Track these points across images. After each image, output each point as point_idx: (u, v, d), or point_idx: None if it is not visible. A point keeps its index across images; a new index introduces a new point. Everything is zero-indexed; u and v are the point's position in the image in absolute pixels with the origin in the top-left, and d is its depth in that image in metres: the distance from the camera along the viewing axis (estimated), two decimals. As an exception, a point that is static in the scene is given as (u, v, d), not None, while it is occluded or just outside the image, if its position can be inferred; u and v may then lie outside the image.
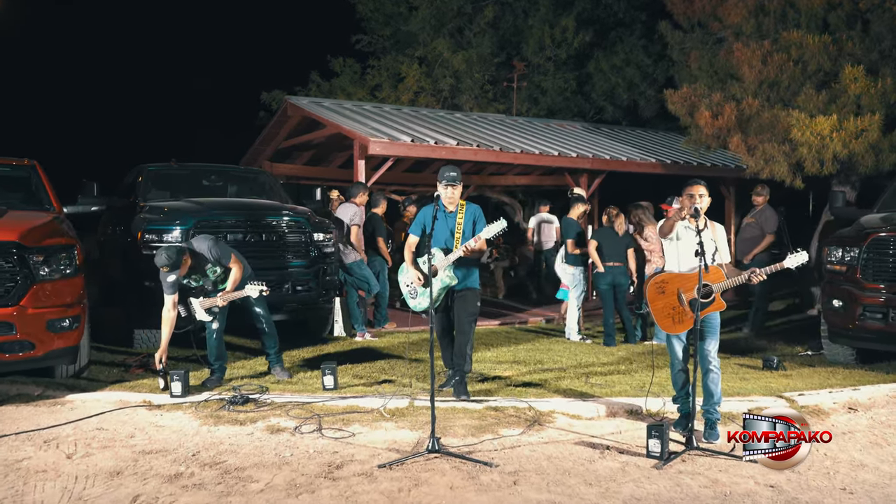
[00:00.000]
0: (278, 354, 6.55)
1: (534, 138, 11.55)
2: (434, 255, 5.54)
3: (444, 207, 5.76)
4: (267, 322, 6.43)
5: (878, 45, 8.94)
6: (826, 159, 8.85)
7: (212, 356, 6.28)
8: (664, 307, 5.29)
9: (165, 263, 5.79)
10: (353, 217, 8.81)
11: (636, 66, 15.67)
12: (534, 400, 5.81)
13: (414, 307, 5.87)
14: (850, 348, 7.36)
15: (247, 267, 6.33)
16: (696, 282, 5.11)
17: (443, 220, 5.76)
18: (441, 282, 5.66)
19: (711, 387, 5.20)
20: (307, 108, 10.59)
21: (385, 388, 6.17)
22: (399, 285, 6.05)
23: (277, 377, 6.41)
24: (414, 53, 16.66)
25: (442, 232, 5.72)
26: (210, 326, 6.20)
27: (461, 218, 5.72)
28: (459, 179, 5.69)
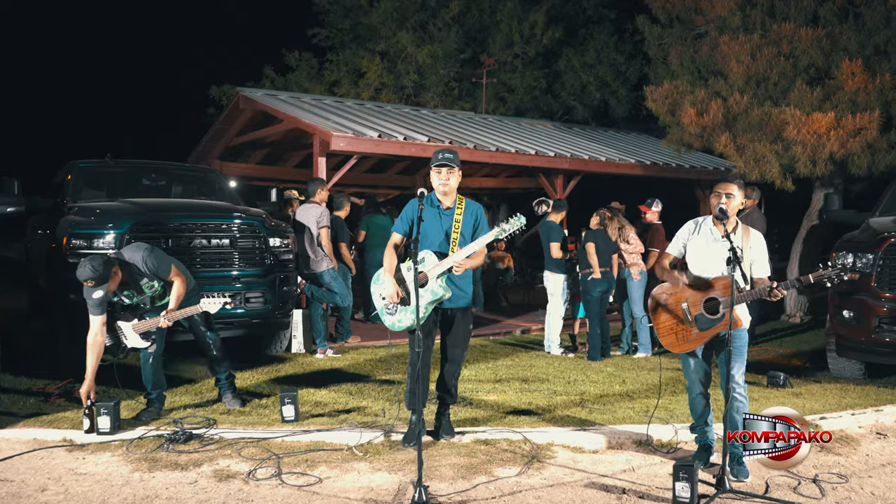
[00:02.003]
0: (230, 380, 5.63)
1: (507, 137, 10.83)
2: (424, 259, 4.49)
3: (438, 202, 4.69)
4: (215, 344, 5.52)
5: (872, 38, 8.47)
6: (820, 160, 8.33)
7: (148, 383, 5.32)
8: (667, 323, 4.60)
9: (90, 276, 4.79)
10: (321, 218, 7.88)
11: (608, 63, 15.11)
12: (528, 430, 5.04)
13: (391, 325, 4.69)
14: (859, 362, 6.80)
15: (190, 279, 5.37)
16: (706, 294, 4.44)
17: (434, 217, 4.63)
18: (431, 293, 4.46)
19: (736, 417, 4.50)
20: (262, 101, 9.65)
21: (354, 418, 5.31)
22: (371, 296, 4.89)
23: (228, 406, 5.48)
24: (375, 48, 15.77)
25: (433, 232, 4.61)
26: (145, 351, 5.24)
27: (459, 215, 4.64)
28: (457, 162, 4.63)
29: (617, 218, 8.24)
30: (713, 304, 4.42)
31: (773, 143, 8.60)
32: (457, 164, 4.64)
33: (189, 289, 5.28)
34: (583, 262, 8.07)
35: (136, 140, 17.76)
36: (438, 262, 4.49)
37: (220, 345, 5.53)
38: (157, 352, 5.30)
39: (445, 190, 4.64)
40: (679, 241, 4.63)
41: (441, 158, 4.62)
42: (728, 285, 4.39)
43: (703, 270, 4.58)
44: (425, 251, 4.53)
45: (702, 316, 4.41)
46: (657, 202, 8.84)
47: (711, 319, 4.42)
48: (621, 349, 8.48)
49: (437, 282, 4.50)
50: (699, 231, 4.57)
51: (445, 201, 4.68)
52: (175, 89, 19.89)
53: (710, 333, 4.43)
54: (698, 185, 12.60)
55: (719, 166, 12.38)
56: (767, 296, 4.24)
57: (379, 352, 8.17)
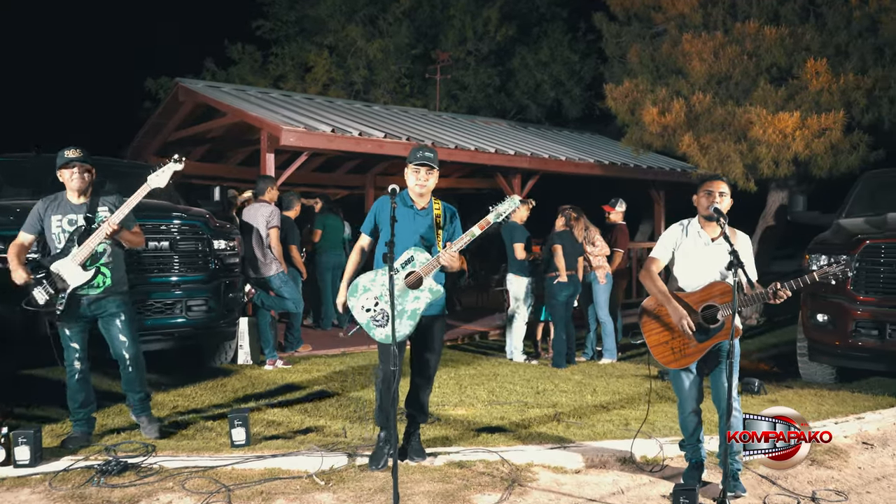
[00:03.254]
0: (145, 402, 4.90)
1: (464, 134, 10.43)
2: (413, 257, 4.06)
3: (411, 202, 4.26)
4: (133, 358, 4.79)
5: (833, 39, 8.40)
6: (783, 160, 8.21)
7: (74, 402, 4.67)
8: (661, 336, 4.23)
9: (77, 159, 4.58)
10: (271, 218, 7.30)
11: (562, 62, 14.88)
12: (504, 449, 4.63)
13: (383, 338, 4.08)
14: (831, 367, 6.64)
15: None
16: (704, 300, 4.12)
17: (407, 218, 4.19)
18: (430, 292, 4.05)
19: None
20: (203, 93, 8.98)
21: (313, 439, 4.80)
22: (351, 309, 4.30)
23: (145, 434, 4.81)
24: (323, 41, 15.12)
25: (405, 234, 4.16)
26: (71, 365, 4.61)
27: (439, 215, 4.23)
28: (436, 163, 4.20)
29: (584, 220, 7.94)
30: (711, 312, 4.10)
31: (737, 143, 8.45)
32: (436, 164, 4.24)
33: (123, 274, 4.78)
34: (548, 265, 7.73)
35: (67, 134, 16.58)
36: (432, 258, 4.08)
37: (138, 360, 4.83)
38: (85, 366, 4.68)
39: (422, 191, 4.24)
40: (668, 247, 4.28)
41: (421, 157, 4.19)
42: (726, 291, 4.08)
43: (692, 277, 4.24)
44: (412, 249, 4.10)
45: (700, 326, 4.08)
46: (621, 202, 8.59)
47: (710, 329, 4.09)
48: (586, 355, 8.18)
49: (432, 280, 4.10)
50: (687, 235, 4.23)
51: (420, 202, 4.27)
52: (109, 81, 18.73)
53: (710, 344, 4.11)
54: (653, 185, 12.48)
55: (675, 167, 12.29)
56: (772, 298, 3.93)
57: (332, 361, 7.65)
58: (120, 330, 4.74)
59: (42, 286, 4.52)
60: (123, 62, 18.37)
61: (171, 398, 5.93)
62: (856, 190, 7.51)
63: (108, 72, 18.78)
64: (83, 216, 4.62)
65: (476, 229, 4.05)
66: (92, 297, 4.63)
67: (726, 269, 4.05)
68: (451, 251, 4.02)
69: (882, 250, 5.99)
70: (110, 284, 4.66)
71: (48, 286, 4.52)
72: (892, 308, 5.88)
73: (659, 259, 4.28)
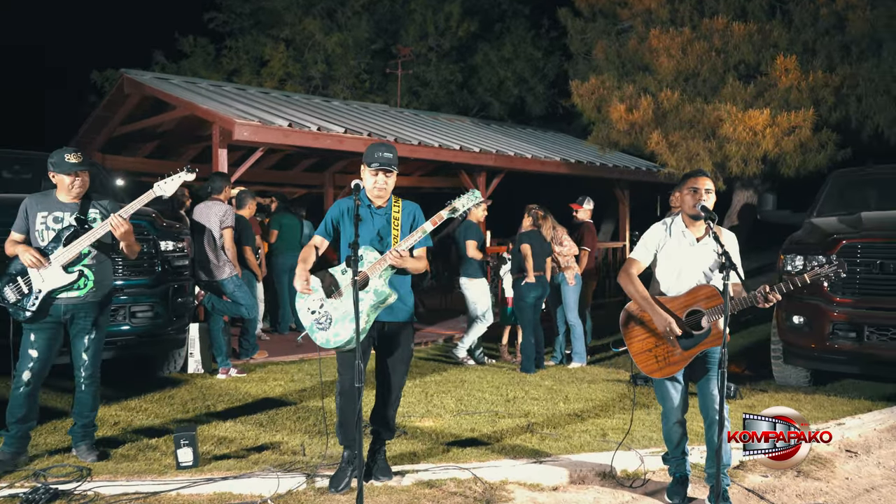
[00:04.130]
0: (89, 429, 4.42)
1: (427, 131, 10.08)
2: (362, 256, 3.76)
3: (369, 201, 3.96)
4: (90, 378, 4.37)
5: (801, 35, 8.30)
6: (752, 158, 8.07)
7: (12, 416, 4.20)
8: (644, 343, 3.96)
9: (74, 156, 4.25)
10: (225, 217, 6.85)
11: (525, 59, 14.64)
12: (477, 465, 4.31)
13: (325, 342, 3.84)
14: (805, 370, 6.49)
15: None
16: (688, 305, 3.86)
17: (367, 219, 3.93)
18: (374, 294, 3.74)
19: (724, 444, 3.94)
20: (151, 85, 8.45)
21: (268, 458, 4.41)
22: (297, 312, 4.04)
23: (80, 458, 4.33)
24: (279, 34, 14.58)
25: (366, 235, 3.90)
26: (19, 376, 4.16)
27: (397, 214, 3.96)
28: (396, 164, 3.90)
29: (550, 218, 7.68)
30: (696, 318, 3.84)
31: (706, 141, 8.29)
32: (395, 165, 3.92)
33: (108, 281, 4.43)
34: (516, 267, 7.45)
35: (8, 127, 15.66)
36: (380, 256, 3.79)
37: (94, 382, 4.39)
38: (37, 379, 4.23)
39: (381, 195, 3.95)
40: (650, 248, 3.98)
41: (379, 159, 3.86)
42: (712, 295, 3.82)
43: (676, 280, 3.98)
44: (361, 248, 3.79)
45: (685, 332, 3.81)
46: (589, 200, 8.36)
47: (696, 336, 3.83)
48: (554, 359, 7.91)
49: (379, 280, 3.78)
50: (670, 234, 3.95)
51: (378, 201, 3.98)
52: (52, 74, 17.78)
53: (696, 352, 3.85)
54: (618, 184, 12.32)
55: (640, 166, 12.15)
56: (761, 302, 3.68)
57: (290, 369, 7.23)
58: (86, 347, 4.34)
59: (14, 284, 4.16)
60: (69, 53, 17.47)
61: (113, 412, 5.45)
62: (826, 189, 7.40)
63: (51, 63, 17.85)
64: (74, 216, 4.24)
65: (428, 225, 3.80)
66: (70, 302, 4.23)
67: (712, 271, 3.81)
68: (398, 249, 3.75)
69: (858, 250, 5.85)
70: (93, 288, 4.26)
71: (22, 284, 4.15)
72: (869, 310, 5.74)
73: (639, 261, 4.00)
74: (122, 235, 4.17)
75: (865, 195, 7.21)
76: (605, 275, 11.48)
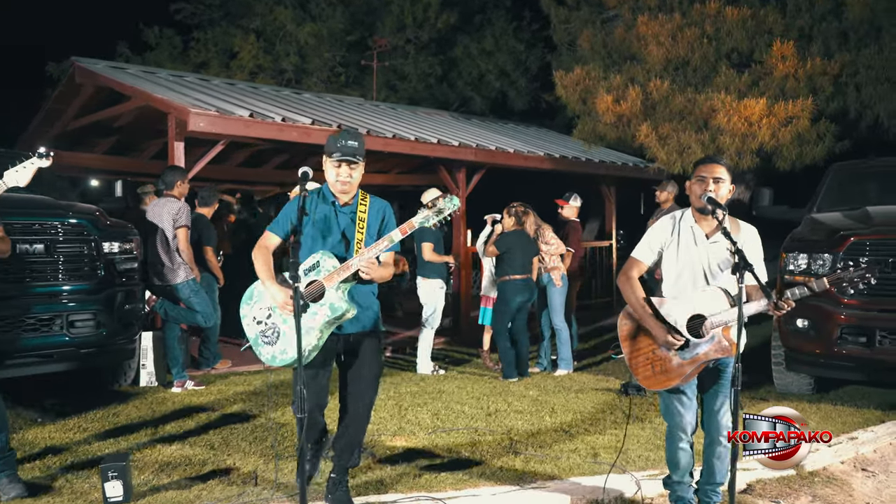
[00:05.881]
0: (4, 455, 3.76)
1: (404, 124, 9.54)
2: (319, 263, 3.28)
3: (333, 197, 3.44)
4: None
5: (796, 21, 7.86)
6: (748, 151, 7.61)
7: None
8: (643, 351, 3.52)
9: None
10: (179, 216, 6.24)
11: (507, 51, 14.12)
12: (452, 495, 3.80)
13: (271, 359, 3.36)
14: (809, 377, 6.03)
15: None
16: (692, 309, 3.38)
17: (328, 215, 3.43)
18: (329, 309, 3.23)
19: (716, 463, 3.53)
20: (104, 74, 7.83)
21: (213, 489, 3.85)
22: (242, 318, 3.52)
23: (3, 495, 3.70)
24: (249, 25, 13.94)
25: (327, 232, 3.39)
26: None
27: (363, 212, 3.41)
28: (362, 154, 3.36)
29: (533, 215, 7.18)
30: (696, 324, 3.36)
31: (698, 133, 7.82)
32: (362, 155, 3.38)
33: None
34: (500, 269, 6.95)
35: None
36: (337, 266, 3.25)
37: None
38: None
39: (346, 189, 3.41)
40: (653, 246, 3.53)
41: (342, 147, 3.32)
42: (717, 299, 3.33)
43: (674, 281, 3.51)
44: (319, 253, 3.30)
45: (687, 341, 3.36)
46: (576, 196, 7.86)
47: (698, 344, 3.34)
48: (539, 365, 7.40)
49: (337, 293, 3.24)
50: (679, 230, 3.47)
51: (343, 198, 3.45)
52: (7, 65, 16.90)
53: (696, 362, 3.37)
54: (604, 181, 11.85)
55: (627, 162, 11.69)
56: (773, 310, 3.19)
57: (254, 379, 6.67)
58: None
59: None
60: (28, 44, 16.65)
61: (47, 433, 4.87)
62: (825, 182, 6.96)
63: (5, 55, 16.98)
64: None
65: (396, 234, 3.26)
66: None
67: (722, 271, 3.33)
68: (365, 257, 3.22)
69: (867, 247, 5.39)
70: None
71: None
72: (881, 312, 5.27)
73: (641, 261, 3.54)
74: None
75: (866, 189, 6.77)
76: (592, 275, 11.00)
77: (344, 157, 3.32)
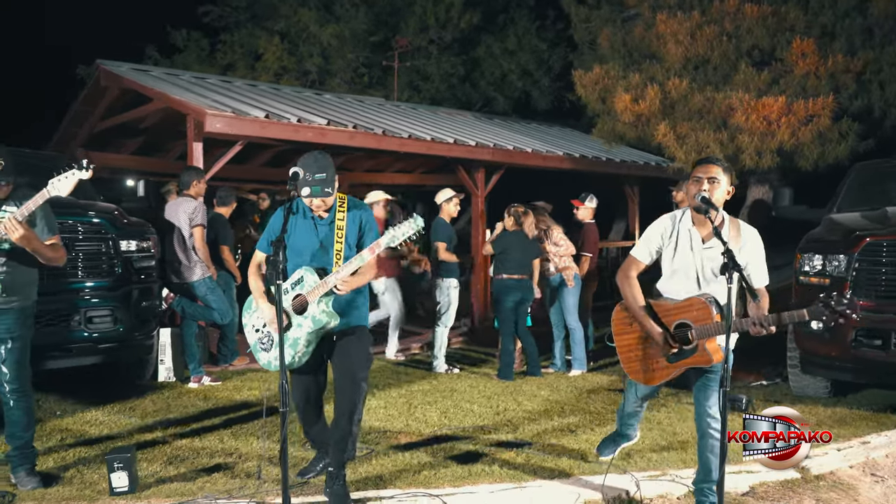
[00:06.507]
0: (27, 453, 3.93)
1: (422, 124, 9.59)
2: (302, 278, 3.48)
3: (312, 212, 3.61)
4: (18, 391, 3.86)
5: (819, 18, 7.72)
6: (767, 150, 7.50)
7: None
8: (632, 345, 3.65)
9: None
10: (195, 215, 6.38)
11: (530, 50, 14.06)
12: (449, 492, 3.82)
13: (268, 364, 3.65)
14: (825, 380, 5.93)
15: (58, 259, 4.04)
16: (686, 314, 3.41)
17: (308, 226, 3.59)
18: (312, 321, 3.45)
19: (710, 457, 3.57)
20: (127, 77, 8.03)
21: (216, 481, 3.94)
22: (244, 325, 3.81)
23: (21, 487, 3.84)
24: (274, 27, 14.11)
25: (305, 243, 3.57)
26: None
27: (342, 220, 3.55)
28: (331, 183, 3.45)
29: (538, 215, 7.19)
30: (683, 332, 3.41)
31: (716, 132, 7.73)
32: (331, 186, 3.45)
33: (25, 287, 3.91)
34: (495, 268, 7.00)
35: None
36: (318, 281, 3.43)
37: (25, 396, 3.88)
38: None
39: (320, 212, 3.59)
40: (652, 245, 3.60)
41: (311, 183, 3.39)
42: (703, 307, 3.39)
43: (675, 284, 3.54)
44: (303, 269, 3.50)
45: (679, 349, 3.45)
46: (592, 197, 7.80)
47: (683, 351, 3.42)
48: (554, 366, 7.38)
49: (319, 306, 3.43)
50: (676, 231, 3.50)
51: (320, 212, 3.60)
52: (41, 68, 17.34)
53: (681, 367, 3.48)
54: (627, 181, 11.77)
55: (650, 161, 11.59)
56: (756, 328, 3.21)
57: (269, 376, 6.75)
58: (3, 359, 3.82)
59: None
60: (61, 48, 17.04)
61: (66, 426, 5.03)
62: (847, 182, 6.83)
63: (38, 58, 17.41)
64: None
65: (367, 253, 3.37)
66: None
67: (716, 276, 3.33)
68: (339, 276, 3.37)
69: (884, 248, 5.28)
70: (2, 295, 3.77)
71: None
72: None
73: (639, 260, 3.63)
74: (20, 240, 3.64)
75: (889, 189, 6.60)
76: (610, 275, 10.93)
77: (313, 196, 3.44)
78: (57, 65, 15.91)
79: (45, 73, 16.51)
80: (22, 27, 19.18)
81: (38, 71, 16.78)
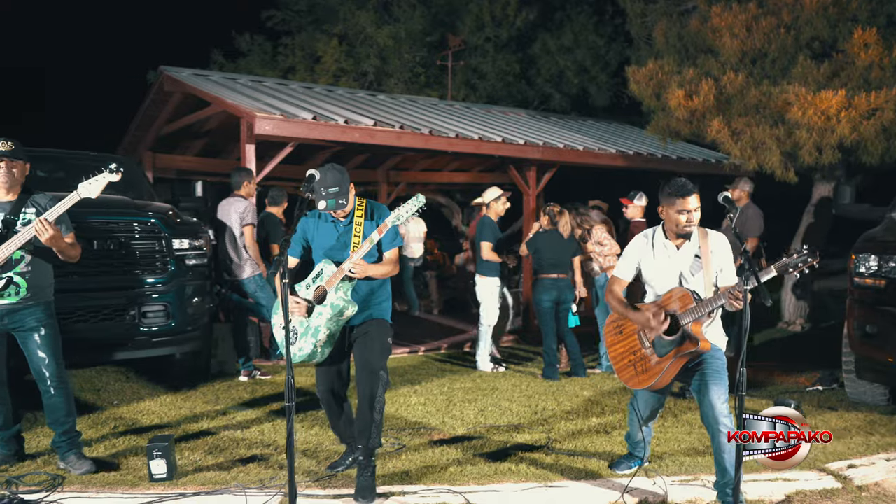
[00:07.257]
0: (72, 437, 4.16)
1: (472, 123, 9.62)
2: (322, 271, 3.74)
3: (332, 216, 3.84)
4: (55, 376, 4.09)
5: (885, 7, 7.35)
6: (827, 146, 7.19)
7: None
8: (622, 352, 3.88)
9: None
10: (245, 214, 6.64)
11: (587, 47, 13.88)
12: (473, 489, 3.85)
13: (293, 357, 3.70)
14: (883, 386, 5.66)
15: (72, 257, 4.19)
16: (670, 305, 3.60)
17: (329, 229, 3.85)
18: (331, 308, 3.66)
19: (724, 457, 3.62)
20: (188, 82, 8.37)
21: (251, 471, 4.09)
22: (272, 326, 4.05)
23: (73, 471, 4.07)
24: (332, 30, 14.40)
25: (329, 244, 3.82)
26: None
27: (360, 217, 3.79)
28: (345, 195, 3.66)
29: (580, 215, 7.14)
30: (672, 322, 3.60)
31: (773, 128, 7.46)
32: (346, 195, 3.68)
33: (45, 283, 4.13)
34: (534, 268, 6.99)
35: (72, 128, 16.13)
36: (335, 269, 3.70)
37: (62, 382, 4.11)
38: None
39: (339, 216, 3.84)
40: (631, 262, 3.86)
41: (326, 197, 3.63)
42: (684, 296, 3.56)
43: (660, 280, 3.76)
44: (322, 262, 3.76)
45: (659, 339, 3.61)
46: (641, 195, 7.66)
47: (670, 341, 3.57)
48: (600, 366, 7.30)
49: (337, 293, 3.67)
50: (653, 246, 3.79)
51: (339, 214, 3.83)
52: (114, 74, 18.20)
53: (672, 357, 3.62)
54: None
55: (709, 158, 11.27)
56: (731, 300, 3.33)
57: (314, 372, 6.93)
58: (39, 346, 4.07)
59: None
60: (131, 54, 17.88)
61: (120, 413, 5.31)
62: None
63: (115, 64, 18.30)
64: (3, 217, 3.99)
65: (375, 235, 3.66)
66: (4, 309, 4.00)
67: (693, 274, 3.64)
68: (353, 260, 3.64)
69: (944, 249, 5.01)
70: (25, 295, 4.02)
71: None
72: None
73: (622, 278, 3.91)
74: (49, 241, 3.84)
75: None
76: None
77: (328, 209, 3.67)
78: (128, 71, 16.70)
79: (117, 79, 17.38)
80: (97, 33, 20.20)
81: (110, 77, 17.67)
